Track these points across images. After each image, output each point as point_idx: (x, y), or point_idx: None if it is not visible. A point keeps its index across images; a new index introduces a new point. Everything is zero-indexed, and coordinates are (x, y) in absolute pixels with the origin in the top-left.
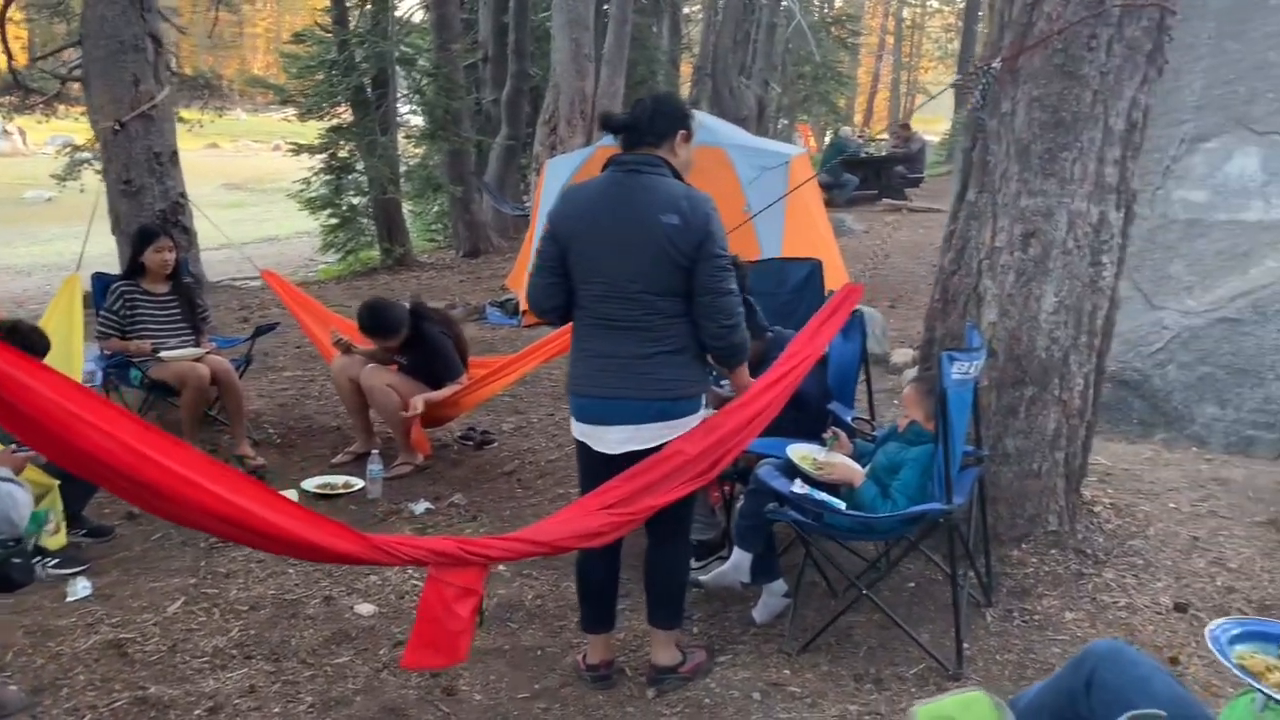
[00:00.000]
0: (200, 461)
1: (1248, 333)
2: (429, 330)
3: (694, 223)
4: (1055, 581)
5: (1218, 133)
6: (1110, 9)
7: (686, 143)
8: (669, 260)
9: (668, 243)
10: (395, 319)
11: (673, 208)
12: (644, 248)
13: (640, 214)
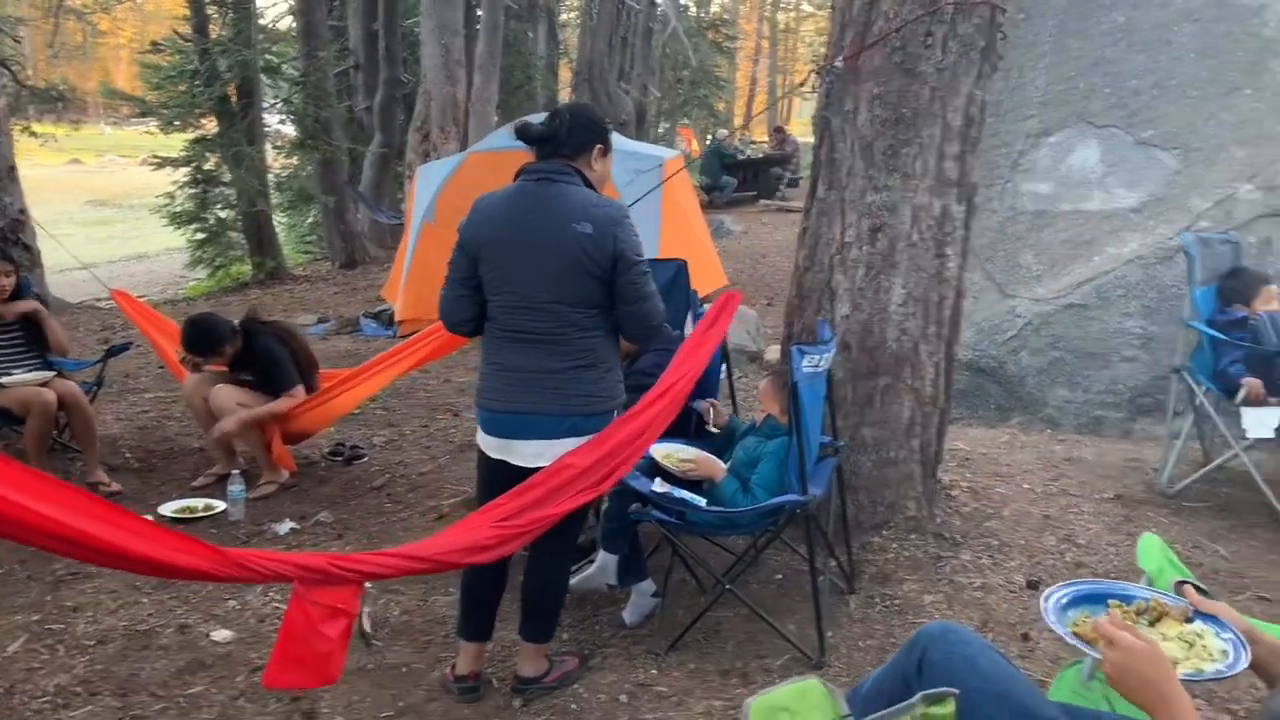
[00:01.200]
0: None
1: (1093, 317)
2: (261, 343)
3: (608, 231)
4: (915, 566)
5: (1061, 127)
6: (944, 7)
7: (604, 157)
8: (583, 270)
9: (581, 252)
10: (217, 334)
11: (585, 216)
12: (557, 258)
13: (553, 223)
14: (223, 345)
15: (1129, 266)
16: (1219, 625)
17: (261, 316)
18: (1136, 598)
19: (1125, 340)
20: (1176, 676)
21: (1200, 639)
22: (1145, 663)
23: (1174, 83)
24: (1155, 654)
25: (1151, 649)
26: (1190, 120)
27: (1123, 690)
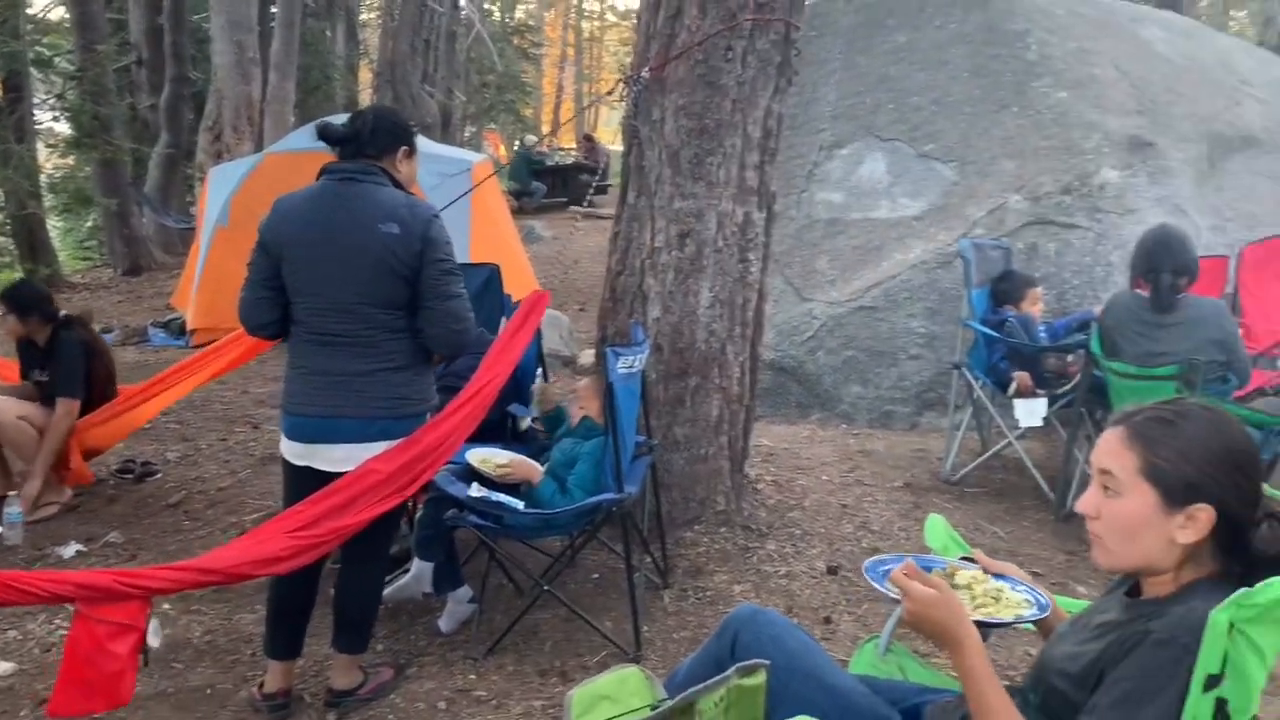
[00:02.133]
0: None
1: (882, 319)
2: (66, 343)
3: (415, 230)
4: (725, 558)
5: (851, 140)
6: (743, 23)
7: (409, 159)
8: (390, 271)
9: (388, 253)
10: (41, 294)
11: (392, 216)
12: (363, 258)
13: (358, 223)
14: (38, 310)
15: (913, 271)
16: (1011, 581)
17: (89, 322)
18: (935, 566)
19: (911, 339)
20: (967, 618)
21: (1001, 594)
22: (937, 608)
23: (951, 100)
24: (944, 599)
25: (941, 595)
26: (965, 135)
27: (923, 633)
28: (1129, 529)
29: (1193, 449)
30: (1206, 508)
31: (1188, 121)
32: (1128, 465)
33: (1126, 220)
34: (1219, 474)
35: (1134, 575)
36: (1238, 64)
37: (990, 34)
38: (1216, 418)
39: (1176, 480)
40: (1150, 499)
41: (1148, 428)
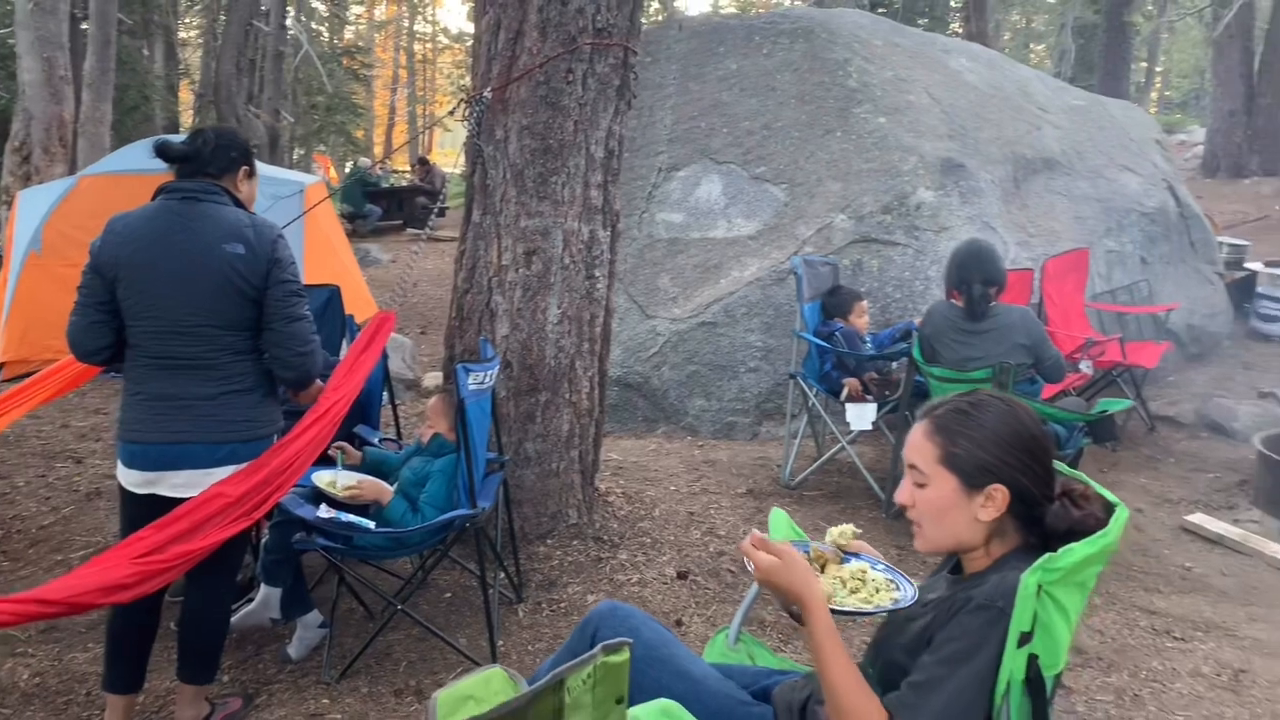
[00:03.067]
0: None
1: (722, 334)
2: None
3: (261, 250)
4: (578, 569)
5: (688, 162)
6: (582, 46)
7: (249, 179)
8: (235, 291)
9: (233, 273)
10: None
11: (237, 236)
12: (206, 279)
13: (201, 243)
14: None
15: (750, 288)
16: (869, 560)
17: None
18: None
19: (750, 353)
20: (812, 580)
21: (864, 575)
22: (779, 573)
23: (780, 125)
24: (787, 564)
25: (783, 561)
26: (794, 158)
27: (775, 594)
28: (938, 513)
29: (986, 437)
30: (1002, 488)
31: (994, 145)
32: (930, 456)
33: (942, 237)
34: (1011, 457)
35: (952, 554)
36: (1036, 92)
37: (814, 62)
38: (1008, 407)
39: (973, 465)
40: (952, 484)
41: (946, 420)
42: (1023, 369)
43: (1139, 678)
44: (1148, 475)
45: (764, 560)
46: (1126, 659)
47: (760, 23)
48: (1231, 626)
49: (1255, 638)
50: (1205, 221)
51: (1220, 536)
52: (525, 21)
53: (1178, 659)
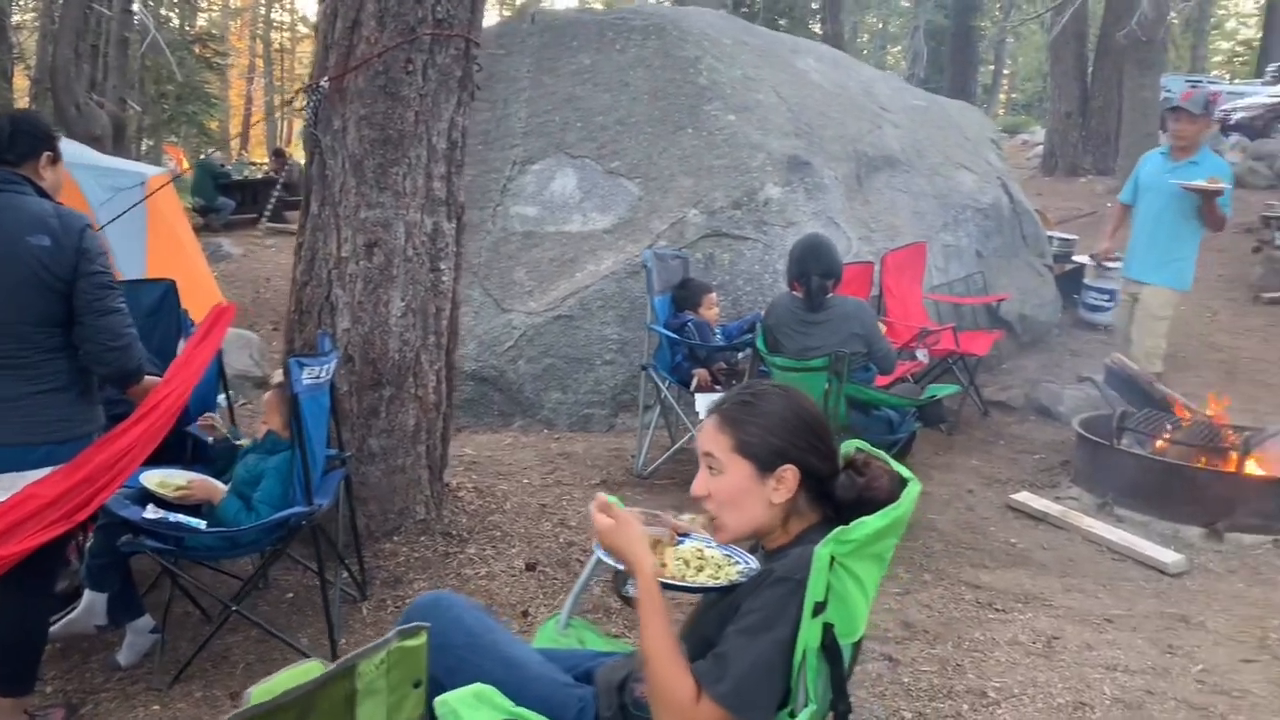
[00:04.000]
0: None
1: (578, 327)
2: None
3: (66, 242)
4: (425, 565)
5: (542, 156)
6: (422, 37)
7: (53, 165)
8: (42, 285)
9: (39, 266)
10: None
11: (42, 228)
12: (10, 274)
13: (5, 235)
14: None
15: (605, 281)
16: (700, 539)
17: None
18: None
19: (605, 345)
20: (637, 540)
21: (702, 554)
22: (612, 535)
23: (633, 120)
24: (618, 528)
25: (618, 525)
26: (648, 153)
27: (614, 554)
28: (735, 500)
29: (772, 422)
30: (791, 468)
31: (838, 143)
32: (725, 445)
33: (789, 232)
34: (796, 439)
35: (755, 540)
36: (879, 92)
37: (666, 59)
38: (788, 394)
39: (764, 450)
40: (746, 470)
41: (733, 411)
42: (858, 358)
43: (962, 648)
44: (980, 457)
45: (602, 522)
46: (951, 631)
47: (613, 19)
48: (1048, 597)
49: (1069, 606)
50: (1036, 217)
51: (1043, 514)
52: (363, 10)
53: (998, 629)
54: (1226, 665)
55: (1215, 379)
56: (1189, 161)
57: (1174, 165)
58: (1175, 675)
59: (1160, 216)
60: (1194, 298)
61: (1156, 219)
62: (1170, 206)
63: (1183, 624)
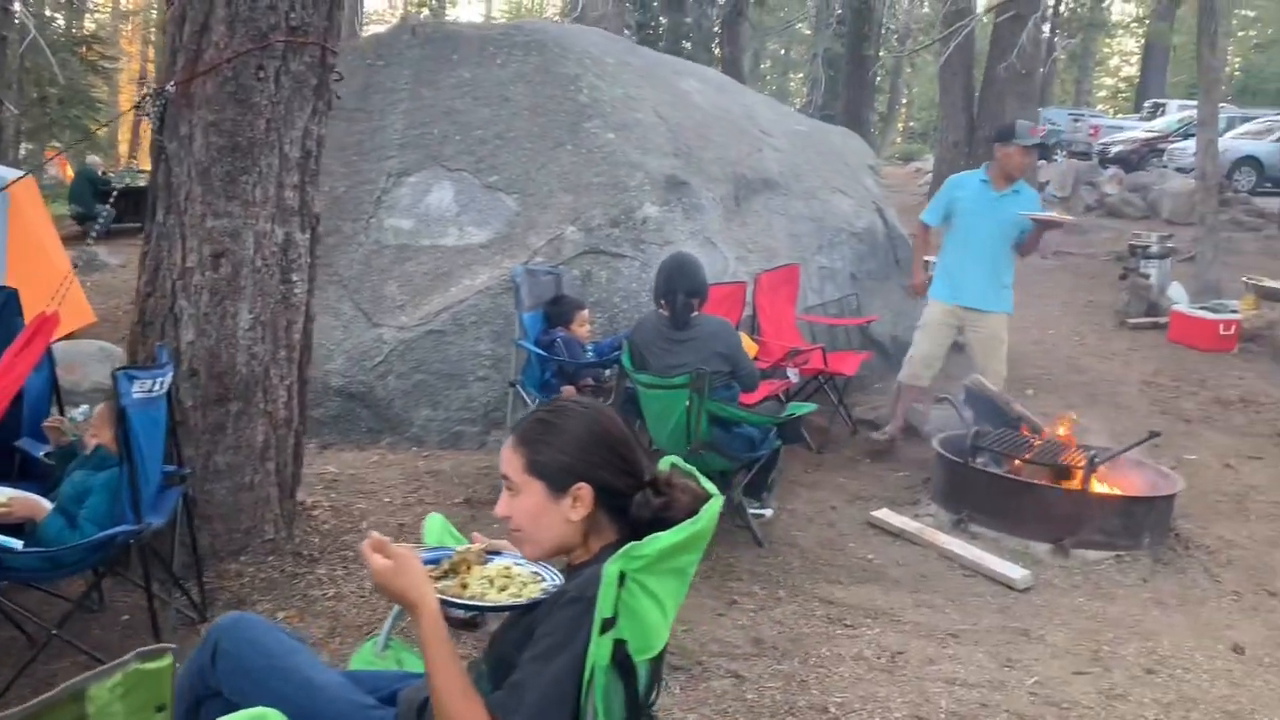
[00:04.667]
0: None
1: (451, 342)
2: None
3: None
4: (270, 586)
5: (418, 168)
6: (274, 43)
7: None
8: None
9: None
10: None
11: None
12: None
13: None
14: None
15: (480, 296)
16: (511, 556)
17: None
18: (443, 558)
19: (478, 362)
20: (424, 586)
21: (509, 571)
22: (389, 577)
23: (513, 135)
24: (398, 568)
25: (396, 565)
26: (527, 169)
27: (389, 597)
28: (533, 520)
29: (566, 441)
30: (584, 485)
31: (717, 165)
32: (518, 466)
33: (666, 251)
34: (591, 456)
35: (559, 556)
36: (760, 116)
37: (547, 76)
38: (586, 410)
39: (555, 468)
40: (539, 490)
41: (529, 431)
42: (720, 376)
43: (808, 664)
44: (846, 475)
45: (377, 564)
46: (799, 647)
47: (495, 33)
48: (898, 612)
49: (916, 621)
50: (909, 241)
51: (900, 530)
52: (212, 15)
53: (845, 645)
54: (1060, 677)
55: (1078, 400)
56: (1012, 190)
57: (999, 194)
58: (1010, 688)
59: (995, 245)
60: (1064, 323)
61: (992, 248)
62: (1005, 235)
63: (1024, 638)
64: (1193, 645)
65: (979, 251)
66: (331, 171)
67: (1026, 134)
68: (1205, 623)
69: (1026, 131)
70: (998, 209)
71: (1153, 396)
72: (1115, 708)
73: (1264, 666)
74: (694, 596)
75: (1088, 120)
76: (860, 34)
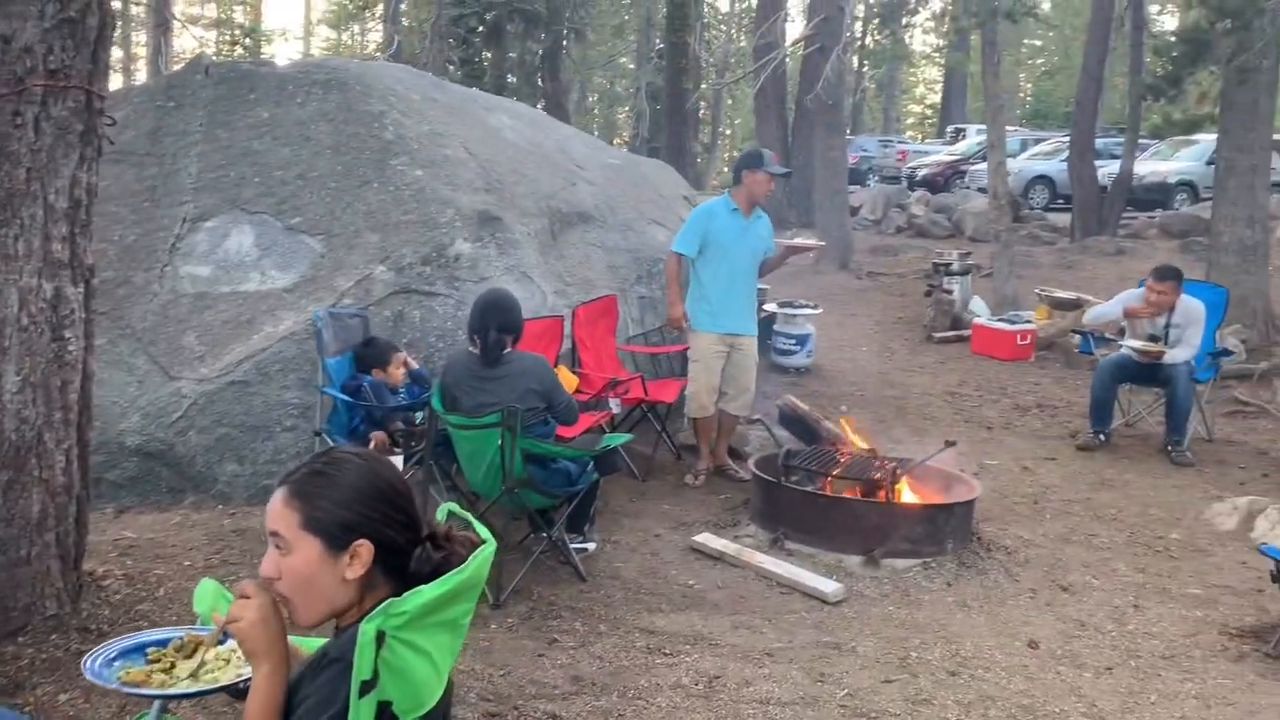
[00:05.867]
0: None
1: (255, 392)
2: None
3: None
4: (53, 667)
5: (216, 212)
6: (32, 88)
7: None
8: None
9: None
10: None
11: None
12: None
13: None
14: None
15: (285, 343)
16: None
17: None
18: (171, 639)
19: (285, 411)
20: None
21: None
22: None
23: (315, 174)
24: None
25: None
26: (331, 209)
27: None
28: (306, 581)
29: (344, 494)
30: (365, 542)
31: (530, 199)
32: (292, 522)
33: (481, 287)
34: (370, 511)
35: (331, 618)
36: (574, 151)
37: (349, 113)
38: (364, 462)
39: (335, 525)
40: (316, 548)
41: (303, 484)
42: (535, 413)
43: (626, 697)
44: (671, 501)
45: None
46: (619, 681)
47: (293, 71)
48: (716, 636)
49: (734, 644)
50: None
51: (721, 553)
52: None
53: (663, 674)
54: (869, 687)
55: (888, 414)
56: (756, 217)
57: (748, 221)
58: (822, 703)
59: (750, 270)
60: (875, 340)
61: (747, 273)
62: (756, 259)
63: (835, 651)
64: (993, 644)
65: (738, 278)
66: (121, 219)
67: (772, 162)
68: (1004, 621)
69: (772, 160)
70: (749, 235)
71: (957, 406)
72: (920, 712)
73: (1056, 659)
74: (512, 639)
75: (896, 146)
76: (678, 67)
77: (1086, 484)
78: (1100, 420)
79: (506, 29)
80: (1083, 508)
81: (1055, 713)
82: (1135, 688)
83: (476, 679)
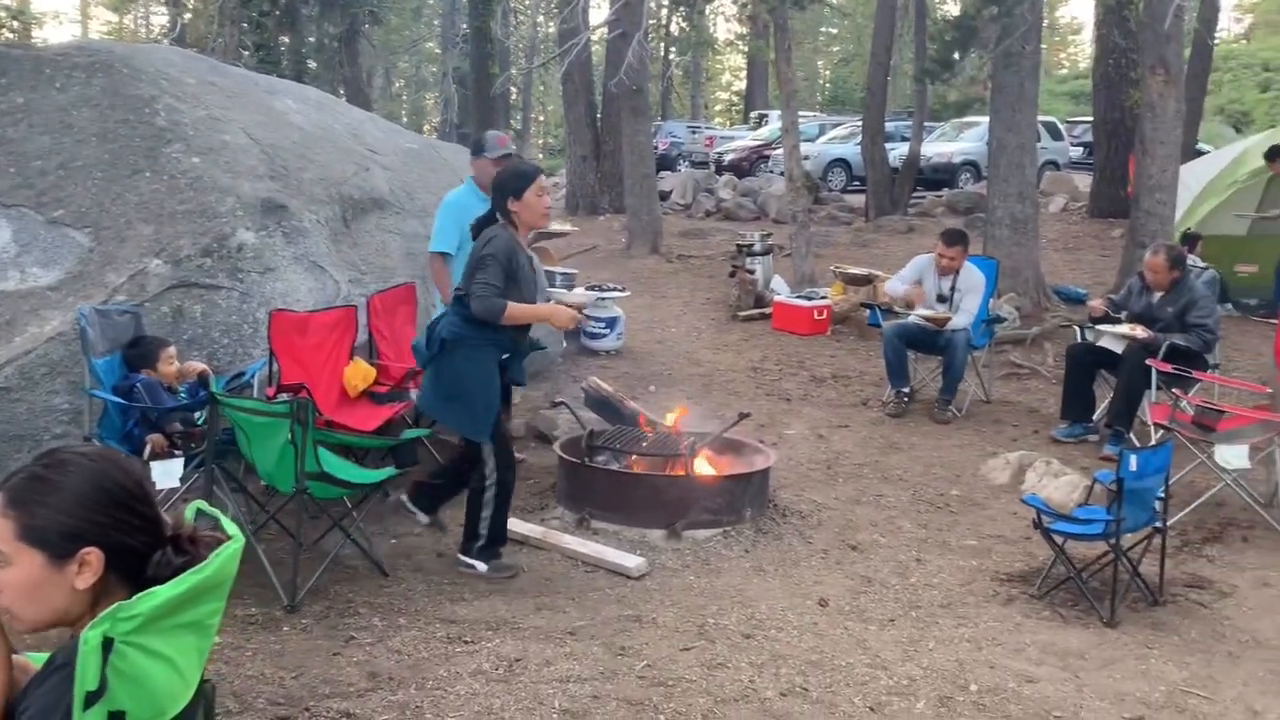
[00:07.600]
0: None
1: (19, 399)
2: None
3: None
4: None
5: None
6: None
7: None
8: None
9: None
10: None
11: None
12: None
13: None
14: None
15: (51, 344)
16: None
17: None
18: None
19: (54, 418)
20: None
21: None
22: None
23: (79, 164)
24: None
25: None
26: (99, 200)
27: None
28: (29, 594)
29: (67, 501)
30: (94, 550)
31: (319, 186)
32: (8, 534)
33: (268, 278)
34: (98, 516)
35: (61, 627)
36: (367, 134)
37: (116, 99)
38: (95, 463)
39: (57, 534)
40: (38, 560)
41: (21, 490)
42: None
43: (425, 689)
44: None
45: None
46: (417, 673)
47: (52, 54)
48: (519, 620)
49: (537, 626)
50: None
51: (526, 537)
52: None
53: (463, 662)
54: (668, 656)
55: (695, 390)
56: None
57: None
58: (621, 675)
59: None
60: (684, 319)
61: None
62: None
63: (636, 624)
64: (786, 606)
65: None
66: None
67: (496, 145)
68: (797, 583)
69: (495, 143)
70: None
71: (759, 380)
72: (715, 676)
73: (844, 615)
74: (306, 640)
75: (704, 132)
76: (483, 52)
77: (876, 448)
78: (899, 378)
79: (301, 11)
80: (872, 470)
81: (842, 665)
82: (915, 636)
83: (266, 683)
